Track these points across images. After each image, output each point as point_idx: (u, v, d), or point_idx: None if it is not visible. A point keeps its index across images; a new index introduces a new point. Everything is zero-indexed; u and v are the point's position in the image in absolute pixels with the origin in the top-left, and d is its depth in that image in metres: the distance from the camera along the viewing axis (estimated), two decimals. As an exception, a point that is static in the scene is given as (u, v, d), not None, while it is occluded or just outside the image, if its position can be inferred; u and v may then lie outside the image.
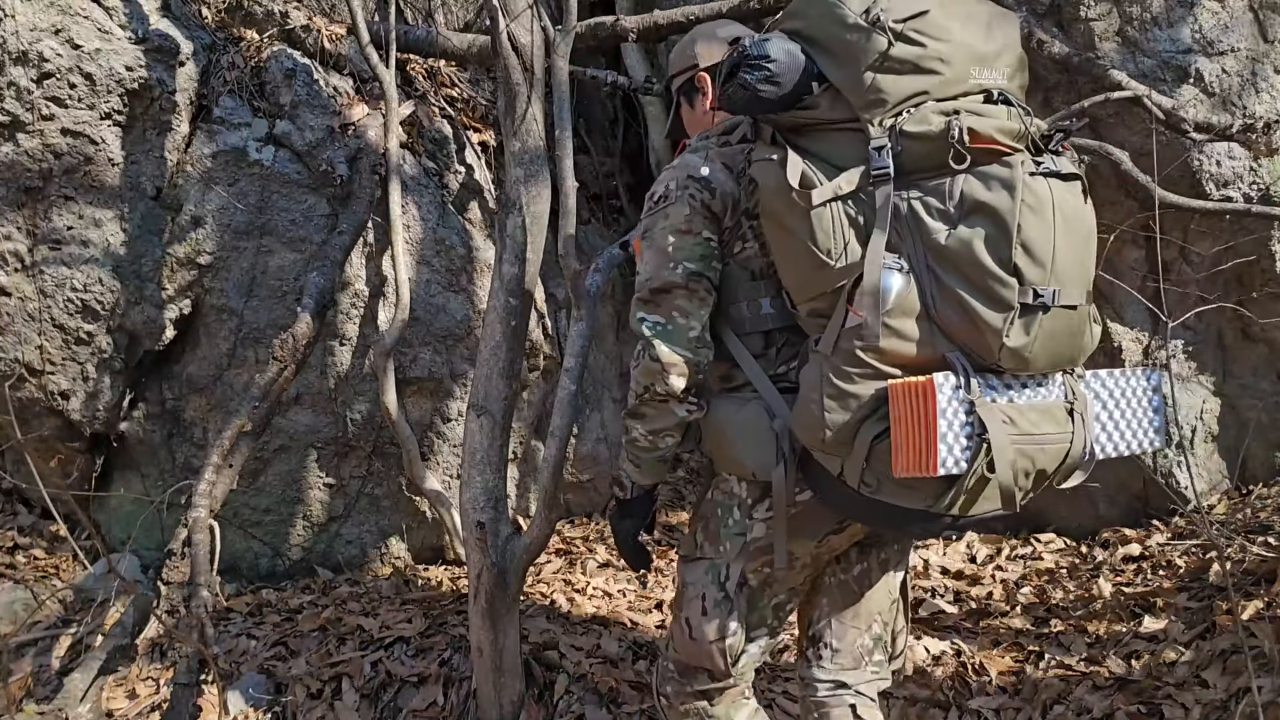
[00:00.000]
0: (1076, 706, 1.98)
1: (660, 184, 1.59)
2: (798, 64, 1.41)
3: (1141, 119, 2.53)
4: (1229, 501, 2.83)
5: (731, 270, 1.59)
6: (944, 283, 1.33)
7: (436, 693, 2.21)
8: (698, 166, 1.57)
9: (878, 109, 1.37)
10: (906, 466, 1.32)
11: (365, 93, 3.01)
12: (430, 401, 3.01)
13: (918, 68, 1.37)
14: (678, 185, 1.56)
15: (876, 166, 1.35)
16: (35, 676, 2.16)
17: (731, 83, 1.42)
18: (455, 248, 3.03)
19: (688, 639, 1.62)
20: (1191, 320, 2.80)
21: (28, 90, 2.43)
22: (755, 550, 1.58)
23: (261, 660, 2.31)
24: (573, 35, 2.20)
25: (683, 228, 1.55)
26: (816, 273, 1.40)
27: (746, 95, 1.41)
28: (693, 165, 1.57)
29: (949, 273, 1.33)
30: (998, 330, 1.31)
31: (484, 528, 2.00)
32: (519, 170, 2.16)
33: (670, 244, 1.55)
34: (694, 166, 1.57)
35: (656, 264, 1.56)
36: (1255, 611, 2.01)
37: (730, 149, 1.58)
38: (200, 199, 2.69)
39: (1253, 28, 2.56)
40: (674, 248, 1.55)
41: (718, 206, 1.56)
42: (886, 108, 1.37)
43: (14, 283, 2.56)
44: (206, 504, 2.21)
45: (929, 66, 1.37)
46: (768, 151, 1.46)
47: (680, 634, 1.63)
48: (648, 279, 1.56)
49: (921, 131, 1.34)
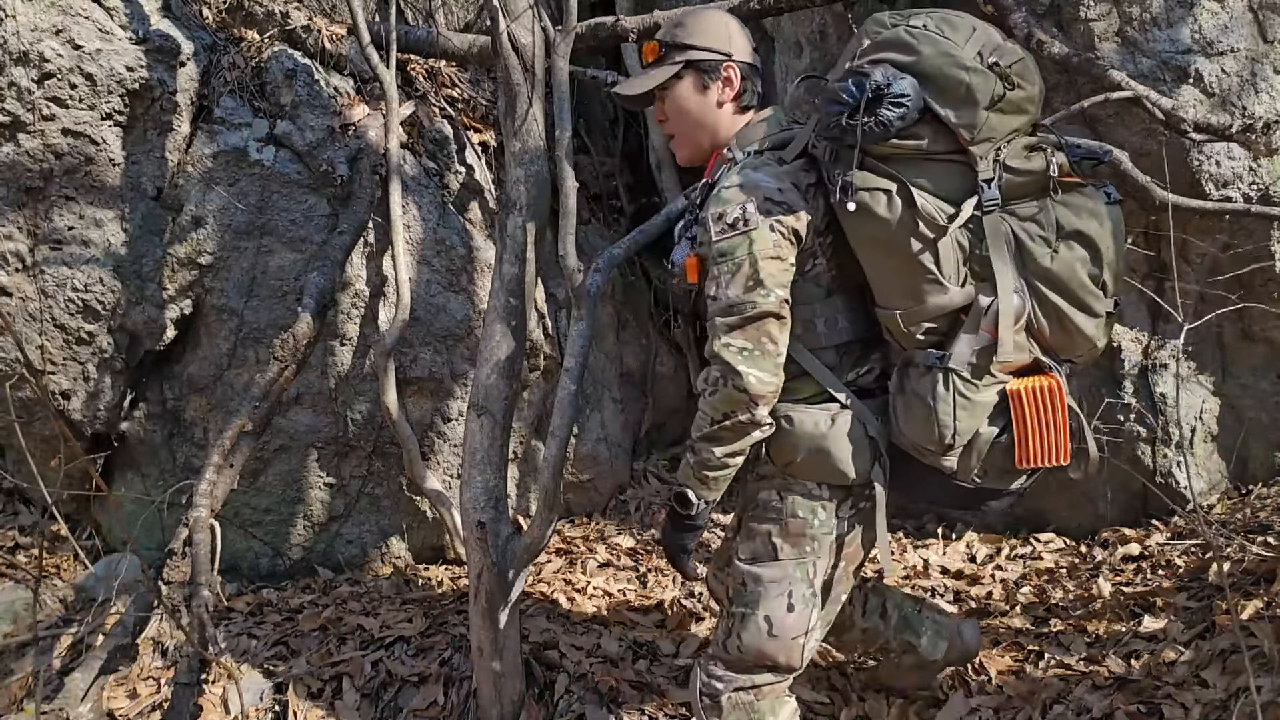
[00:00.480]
0: (1076, 706, 1.98)
1: (731, 205, 1.58)
2: (919, 101, 1.49)
3: (1141, 119, 2.53)
4: (1229, 501, 2.83)
5: (803, 287, 1.64)
6: (1046, 299, 1.52)
7: (437, 692, 2.21)
8: (773, 188, 1.59)
9: (986, 144, 1.50)
10: (1034, 456, 1.53)
11: (366, 93, 3.01)
12: (430, 401, 3.02)
13: (1019, 109, 1.52)
14: (757, 208, 1.57)
15: (988, 198, 1.50)
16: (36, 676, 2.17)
17: (870, 117, 1.48)
18: (456, 248, 3.03)
19: (766, 636, 1.67)
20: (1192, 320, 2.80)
21: (29, 90, 2.44)
22: (840, 547, 1.69)
23: (262, 660, 2.31)
24: (573, 35, 2.20)
25: (771, 253, 1.57)
26: (936, 297, 1.54)
27: (880, 131, 1.48)
28: (767, 187, 1.59)
29: (1051, 290, 1.52)
30: (1092, 336, 1.56)
31: (484, 527, 2.00)
32: (519, 170, 2.16)
33: (760, 271, 1.56)
34: (769, 188, 1.59)
35: (747, 289, 1.57)
36: (1255, 611, 2.01)
37: (791, 167, 1.62)
38: (201, 199, 2.69)
39: (1252, 28, 2.57)
40: (765, 274, 1.56)
41: (795, 226, 1.59)
42: (993, 143, 1.50)
43: (15, 283, 2.56)
44: (207, 504, 2.22)
45: (1026, 108, 1.52)
46: (875, 181, 1.52)
47: (755, 631, 1.68)
48: (735, 305, 1.57)
49: (1026, 168, 1.50)
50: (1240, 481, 2.89)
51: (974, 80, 1.48)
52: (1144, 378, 2.81)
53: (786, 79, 3.26)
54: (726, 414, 1.58)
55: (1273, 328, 2.75)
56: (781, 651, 1.69)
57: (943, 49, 1.51)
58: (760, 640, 1.68)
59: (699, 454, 1.63)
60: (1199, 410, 2.83)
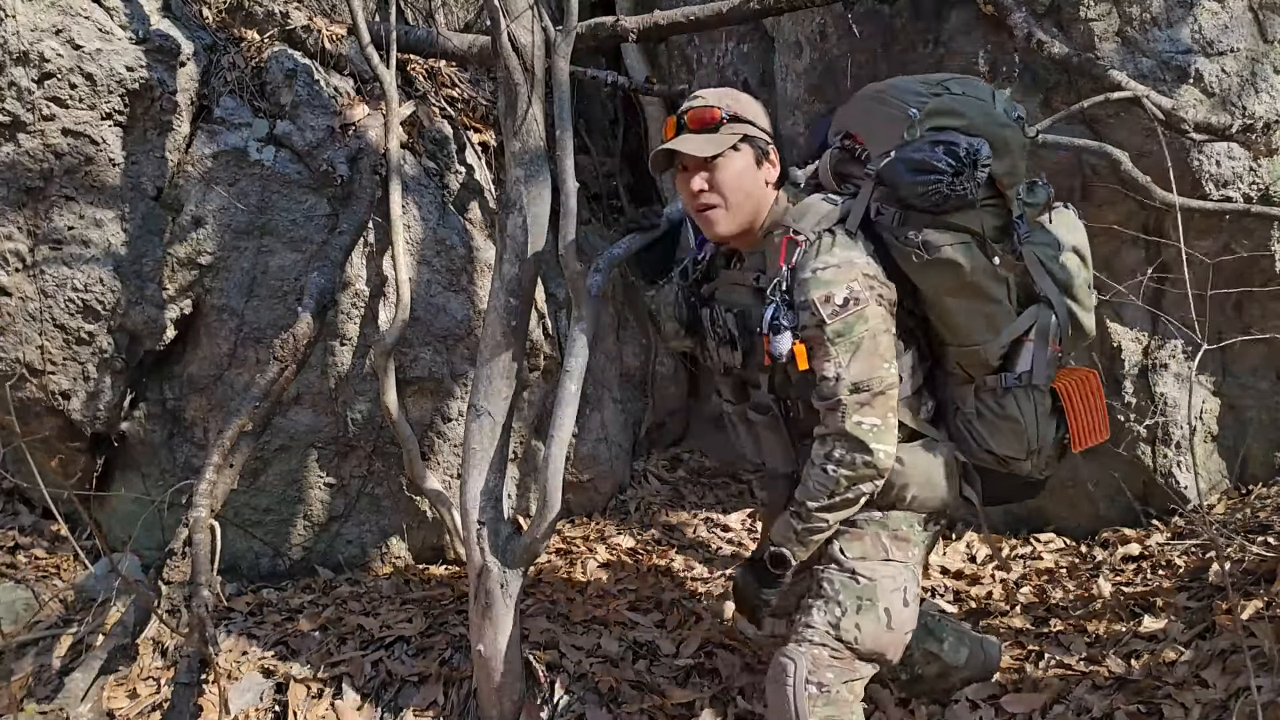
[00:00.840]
0: (1076, 706, 1.98)
1: (837, 286, 1.66)
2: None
3: (1141, 119, 2.53)
4: (1229, 501, 2.83)
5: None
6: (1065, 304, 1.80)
7: (437, 692, 2.21)
8: (865, 261, 1.70)
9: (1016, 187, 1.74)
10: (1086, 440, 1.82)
11: (366, 93, 3.01)
12: (431, 401, 3.02)
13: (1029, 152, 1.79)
14: (861, 286, 1.67)
15: (1023, 231, 1.74)
16: (36, 676, 2.17)
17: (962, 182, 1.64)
18: (456, 248, 3.03)
19: (885, 628, 1.75)
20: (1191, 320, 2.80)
21: (28, 90, 2.44)
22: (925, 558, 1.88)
23: (262, 660, 2.31)
24: (573, 36, 2.20)
25: (883, 328, 1.69)
26: (1008, 324, 1.76)
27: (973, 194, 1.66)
28: (861, 263, 1.69)
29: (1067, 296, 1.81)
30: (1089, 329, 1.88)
31: (484, 527, 2.00)
32: (519, 170, 2.16)
33: (879, 346, 1.68)
34: (863, 264, 1.69)
35: (870, 366, 1.67)
36: (1255, 611, 2.01)
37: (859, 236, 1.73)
38: (201, 199, 2.69)
39: (1252, 28, 2.57)
40: (883, 349, 1.69)
41: (892, 297, 1.72)
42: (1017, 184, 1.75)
43: (15, 283, 2.56)
44: (207, 504, 2.22)
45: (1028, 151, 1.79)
46: (951, 237, 1.69)
47: (875, 621, 1.74)
48: (861, 382, 1.67)
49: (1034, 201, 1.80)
50: (1240, 481, 2.89)
51: (1009, 134, 1.70)
52: (1144, 378, 2.81)
53: (786, 79, 3.27)
54: (849, 490, 1.69)
55: (1272, 328, 2.75)
56: (893, 646, 1.77)
57: (984, 110, 1.72)
58: (879, 631, 1.74)
59: (810, 521, 1.73)
60: (1199, 410, 2.83)
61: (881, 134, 1.75)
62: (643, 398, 3.98)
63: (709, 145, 1.74)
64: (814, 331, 1.68)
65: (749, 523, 3.47)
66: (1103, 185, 2.67)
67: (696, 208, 1.79)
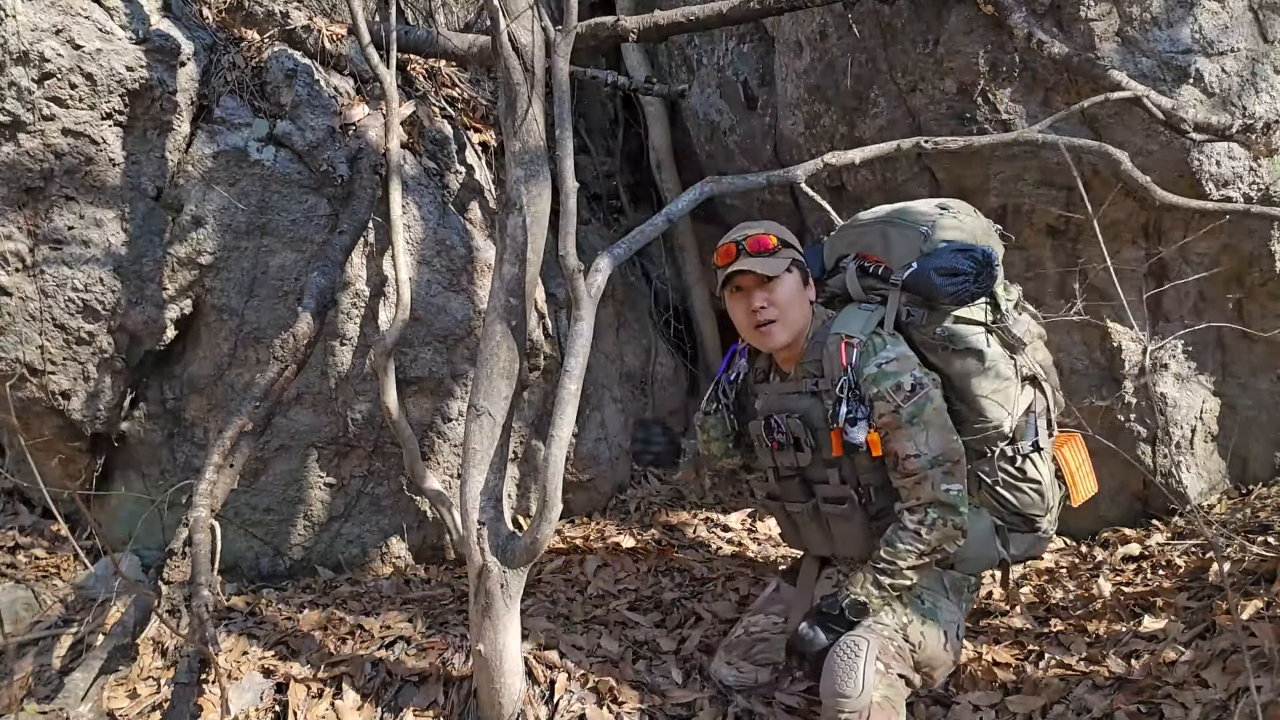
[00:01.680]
0: (1076, 706, 1.98)
1: (904, 376, 1.95)
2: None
3: (1141, 119, 2.53)
4: (1229, 501, 2.83)
5: None
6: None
7: (437, 692, 2.21)
8: (914, 357, 2.00)
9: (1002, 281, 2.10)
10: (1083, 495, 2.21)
11: (366, 93, 3.01)
12: (431, 401, 3.02)
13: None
14: (922, 373, 1.98)
15: (1013, 320, 2.08)
16: (36, 676, 2.17)
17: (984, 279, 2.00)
18: (456, 248, 3.03)
19: (943, 646, 1.96)
20: (1191, 320, 2.80)
21: (29, 90, 2.44)
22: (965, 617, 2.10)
23: (262, 660, 2.31)
24: (573, 35, 2.19)
25: (943, 407, 1.98)
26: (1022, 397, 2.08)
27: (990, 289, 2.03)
28: (910, 356, 1.99)
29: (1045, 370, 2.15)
30: (1061, 401, 2.22)
31: (484, 527, 2.00)
32: (519, 170, 2.16)
33: (946, 421, 1.96)
34: (913, 358, 2.00)
35: (944, 440, 1.93)
36: (1255, 611, 2.01)
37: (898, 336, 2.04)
38: (201, 199, 2.69)
39: (1253, 28, 2.56)
40: (950, 424, 1.97)
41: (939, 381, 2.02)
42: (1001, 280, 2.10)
43: (15, 282, 2.56)
44: (207, 503, 2.22)
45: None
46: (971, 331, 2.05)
47: (937, 637, 1.95)
48: (941, 455, 1.92)
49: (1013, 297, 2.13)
50: (1240, 481, 2.89)
51: (994, 242, 2.12)
52: (1144, 377, 2.81)
53: (786, 79, 3.26)
54: (938, 548, 1.92)
55: (1273, 328, 2.75)
56: (943, 666, 1.96)
57: (976, 221, 2.12)
58: (938, 645, 1.94)
59: (898, 578, 1.92)
60: (1199, 410, 2.83)
61: (900, 250, 2.08)
62: (643, 398, 3.98)
63: (770, 267, 2.00)
64: (890, 418, 1.93)
65: (749, 523, 3.47)
66: (1102, 185, 2.67)
67: (756, 323, 2.03)
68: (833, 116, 3.10)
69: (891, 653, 1.86)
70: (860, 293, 2.13)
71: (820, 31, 3.02)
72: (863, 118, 3.00)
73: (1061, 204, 2.74)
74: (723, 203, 4.16)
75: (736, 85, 3.60)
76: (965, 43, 2.68)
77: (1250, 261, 2.69)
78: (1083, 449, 2.21)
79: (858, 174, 3.10)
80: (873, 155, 2.50)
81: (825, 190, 3.16)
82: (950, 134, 2.73)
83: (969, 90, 2.72)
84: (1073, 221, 2.75)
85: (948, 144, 2.50)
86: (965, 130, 2.74)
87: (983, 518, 2.09)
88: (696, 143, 4.05)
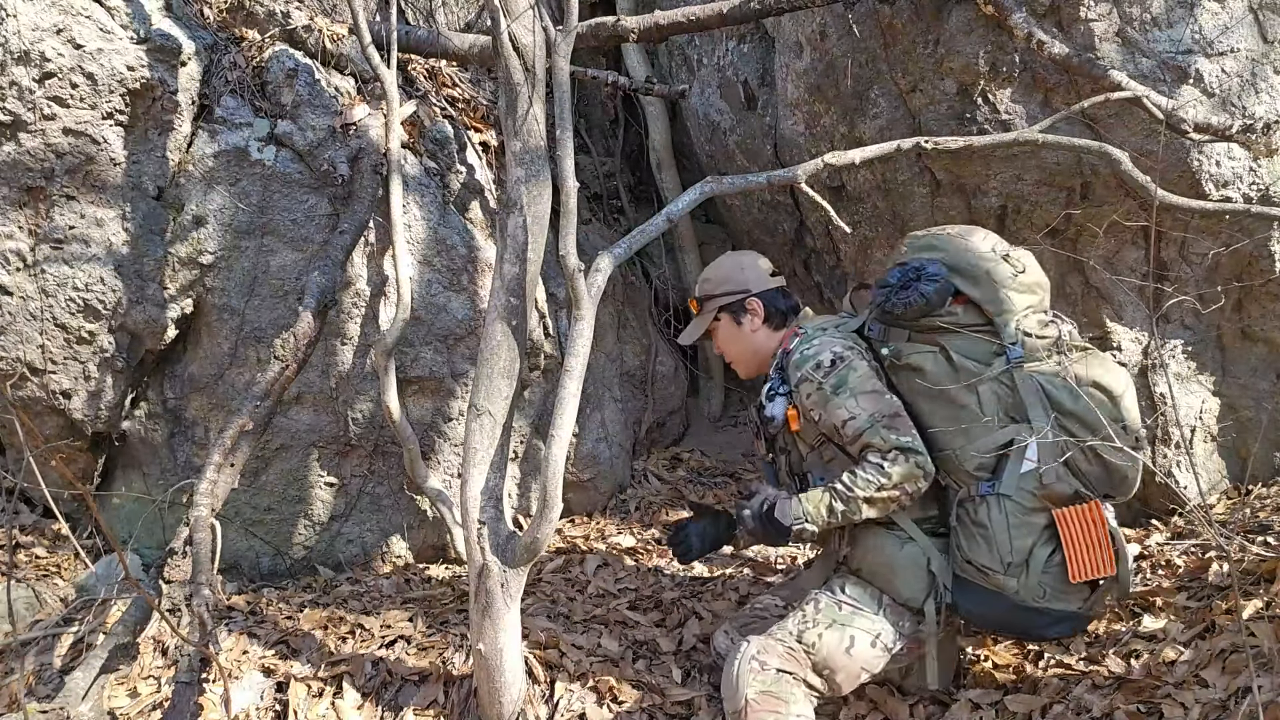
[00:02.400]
0: (1076, 706, 1.98)
1: (822, 354, 2.00)
2: (949, 284, 1.96)
3: (1141, 119, 2.53)
4: (1229, 501, 2.83)
5: None
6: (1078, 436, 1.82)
7: (437, 692, 2.22)
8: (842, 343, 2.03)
9: (1008, 315, 1.93)
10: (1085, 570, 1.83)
11: (366, 93, 3.01)
12: (431, 401, 3.02)
13: (1030, 289, 1.98)
14: (844, 348, 2.01)
15: (1014, 357, 1.91)
16: (37, 675, 2.17)
17: (907, 293, 1.94)
18: (456, 247, 3.03)
19: (843, 651, 1.94)
20: (1191, 320, 2.80)
21: (29, 90, 2.44)
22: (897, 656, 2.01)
23: (262, 659, 2.31)
24: (574, 35, 2.20)
25: (872, 373, 1.99)
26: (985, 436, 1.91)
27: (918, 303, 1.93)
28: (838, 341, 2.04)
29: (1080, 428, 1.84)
30: (1123, 468, 1.87)
31: (484, 527, 2.00)
32: (520, 170, 2.16)
33: (873, 385, 1.96)
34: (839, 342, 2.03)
35: (876, 399, 1.94)
36: (1255, 611, 2.01)
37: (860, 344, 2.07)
38: (202, 198, 2.70)
39: (1253, 28, 2.56)
40: (879, 386, 1.97)
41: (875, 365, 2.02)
42: (1013, 315, 1.93)
43: (16, 282, 2.56)
44: (208, 503, 2.22)
45: (1036, 290, 2.00)
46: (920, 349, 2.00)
47: (837, 641, 1.95)
48: (878, 410, 1.93)
49: (1046, 335, 1.93)
50: (1240, 481, 2.89)
51: (989, 267, 1.96)
52: (1144, 378, 2.81)
53: (786, 79, 3.27)
54: (899, 484, 1.89)
55: (1272, 328, 2.75)
56: (845, 671, 1.94)
57: (962, 246, 2.00)
58: (837, 649, 1.94)
59: (850, 506, 1.92)
60: (1199, 410, 2.83)
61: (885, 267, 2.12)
62: (643, 397, 3.99)
63: (695, 330, 2.31)
64: (816, 395, 1.99)
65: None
66: (1102, 185, 2.67)
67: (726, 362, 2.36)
68: (833, 116, 3.10)
69: (779, 652, 1.92)
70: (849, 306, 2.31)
71: (820, 31, 3.02)
72: (863, 118, 3.00)
73: (1062, 204, 2.74)
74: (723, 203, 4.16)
75: (736, 85, 3.61)
76: (965, 43, 2.68)
77: (1250, 261, 2.69)
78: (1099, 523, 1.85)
79: (858, 174, 3.10)
80: (873, 155, 2.50)
81: (825, 190, 3.16)
82: (950, 134, 2.73)
83: (969, 90, 2.72)
84: (1073, 221, 2.75)
85: (948, 144, 2.50)
86: (965, 130, 2.74)
87: (905, 545, 1.99)
88: (696, 143, 4.05)
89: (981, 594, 1.91)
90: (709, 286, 2.29)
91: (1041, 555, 1.87)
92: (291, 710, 2.13)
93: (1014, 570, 1.87)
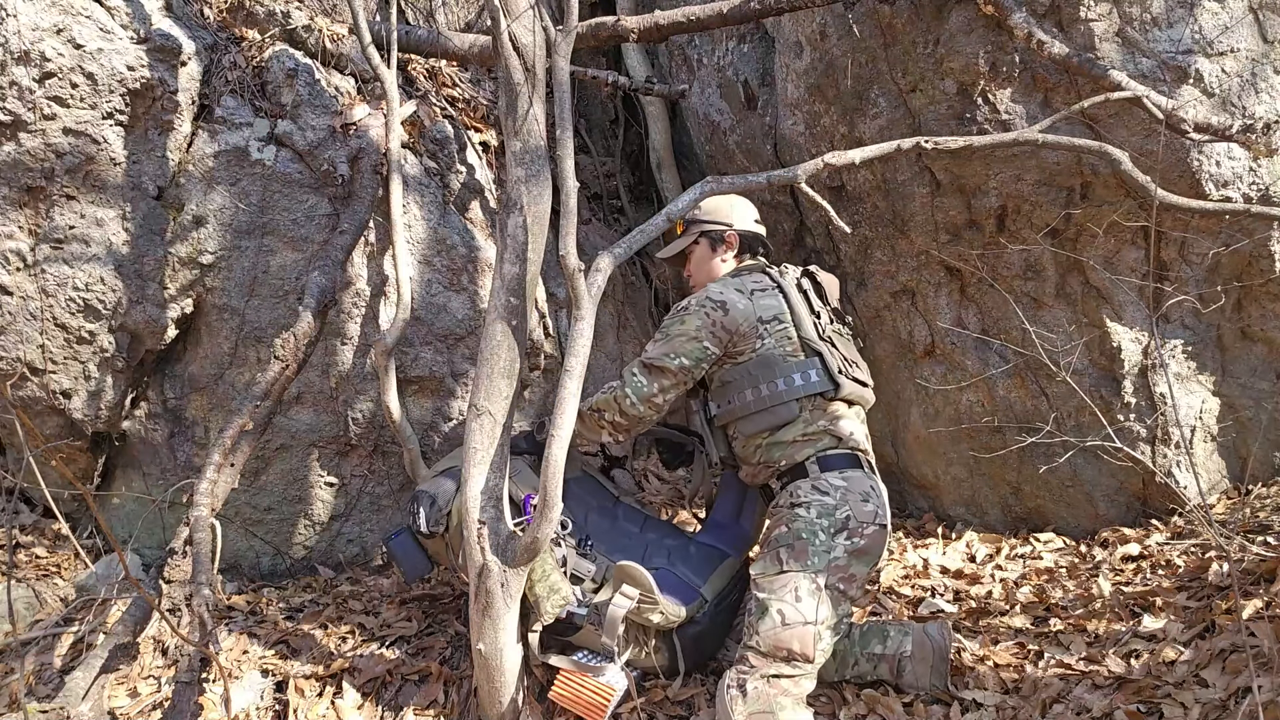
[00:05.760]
0: (1076, 706, 1.98)
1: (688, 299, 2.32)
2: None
3: (1141, 119, 2.53)
4: (1229, 501, 2.83)
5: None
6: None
7: (437, 691, 2.22)
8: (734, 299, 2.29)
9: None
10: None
11: (366, 92, 3.01)
12: (431, 401, 3.02)
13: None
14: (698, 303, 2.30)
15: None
16: (37, 675, 2.17)
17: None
18: (456, 247, 3.03)
19: (779, 625, 1.98)
20: (1191, 320, 2.80)
21: (30, 90, 2.44)
22: (835, 567, 2.04)
23: (262, 658, 2.31)
24: (574, 35, 2.20)
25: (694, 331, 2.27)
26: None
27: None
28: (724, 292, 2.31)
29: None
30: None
31: (484, 527, 2.00)
32: (520, 170, 2.16)
33: (684, 342, 2.29)
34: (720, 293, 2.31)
35: (666, 348, 2.28)
36: (1255, 611, 2.01)
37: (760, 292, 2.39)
38: (202, 198, 2.70)
39: (1253, 28, 2.57)
40: (685, 349, 2.28)
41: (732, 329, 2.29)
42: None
43: (16, 282, 2.56)
44: (208, 502, 2.22)
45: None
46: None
47: (770, 623, 1.99)
48: (655, 357, 2.26)
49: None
50: (1240, 481, 2.89)
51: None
52: (1144, 377, 2.81)
53: (786, 79, 3.27)
54: (599, 408, 2.27)
55: (1272, 328, 2.75)
56: (796, 639, 1.97)
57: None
58: (775, 630, 1.98)
59: (583, 423, 2.28)
60: (1199, 410, 2.83)
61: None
62: (643, 397, 3.98)
63: (676, 246, 2.54)
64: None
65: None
66: (1102, 185, 2.67)
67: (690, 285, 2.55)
68: (833, 116, 3.10)
69: (748, 664, 1.98)
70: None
71: (820, 31, 3.02)
72: (863, 118, 3.00)
73: (1061, 204, 2.74)
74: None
75: (737, 85, 3.61)
76: (965, 43, 2.68)
77: (1250, 261, 2.69)
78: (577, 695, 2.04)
79: (858, 174, 3.10)
80: (873, 155, 2.50)
81: (825, 190, 3.16)
82: (950, 134, 2.73)
83: (969, 90, 2.72)
84: (1073, 221, 2.75)
85: (948, 144, 2.50)
86: (965, 130, 2.74)
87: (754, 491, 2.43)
88: (696, 143, 4.05)
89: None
90: (697, 213, 2.50)
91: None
92: (291, 710, 2.13)
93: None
